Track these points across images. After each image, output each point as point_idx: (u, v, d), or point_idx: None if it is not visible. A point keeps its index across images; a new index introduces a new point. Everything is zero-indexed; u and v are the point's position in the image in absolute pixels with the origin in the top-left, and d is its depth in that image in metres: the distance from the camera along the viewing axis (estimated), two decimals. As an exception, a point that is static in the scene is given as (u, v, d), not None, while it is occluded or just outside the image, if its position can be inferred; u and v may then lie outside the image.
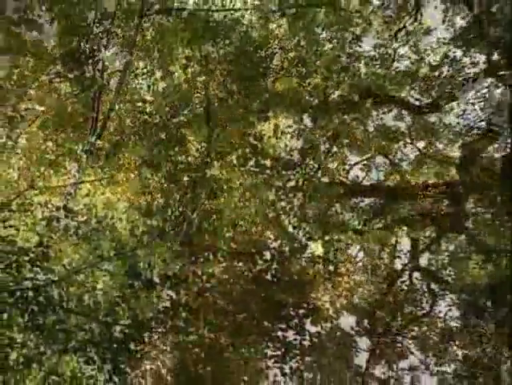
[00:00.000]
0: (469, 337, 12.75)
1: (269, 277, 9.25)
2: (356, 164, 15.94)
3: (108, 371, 8.28)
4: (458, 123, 15.50)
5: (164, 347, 8.75)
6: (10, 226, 8.32)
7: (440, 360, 14.31)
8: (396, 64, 15.45)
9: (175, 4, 10.91)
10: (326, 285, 10.78)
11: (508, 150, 14.31)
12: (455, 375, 13.62)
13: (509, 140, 14.27)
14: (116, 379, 8.34)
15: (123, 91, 9.42)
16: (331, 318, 9.59)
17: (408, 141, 15.82)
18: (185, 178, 9.06)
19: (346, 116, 14.38)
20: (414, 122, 15.69)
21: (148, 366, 8.66)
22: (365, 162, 16.01)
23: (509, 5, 13.85)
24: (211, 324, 8.71)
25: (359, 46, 14.51)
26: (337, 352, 9.99)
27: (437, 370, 14.41)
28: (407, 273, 15.86)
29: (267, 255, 9.49)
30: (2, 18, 8.43)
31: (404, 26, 15.50)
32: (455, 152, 15.71)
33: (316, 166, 13.91)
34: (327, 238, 11.43)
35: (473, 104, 15.07)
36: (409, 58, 15.55)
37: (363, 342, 15.29)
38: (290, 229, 10.23)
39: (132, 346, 8.38)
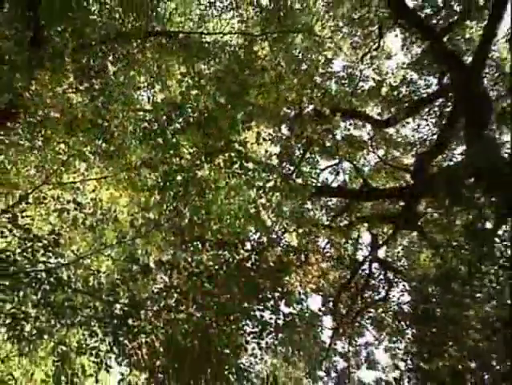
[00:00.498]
0: (418, 319, 12.81)
1: (249, 264, 9.25)
2: (326, 168, 16.05)
3: (109, 343, 8.26)
4: (413, 135, 15.71)
5: (158, 323, 8.69)
6: (27, 216, 8.24)
7: (392, 338, 14.45)
8: (361, 84, 15.60)
9: (173, 28, 10.95)
10: (298, 272, 10.79)
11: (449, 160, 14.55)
12: (405, 352, 13.72)
13: (455, 152, 14.50)
14: (116, 350, 8.36)
15: (127, 102, 9.37)
16: (302, 300, 9.57)
17: (370, 149, 15.93)
18: (179, 178, 8.98)
19: (318, 127, 14.43)
20: (375, 133, 15.80)
21: (143, 340, 8.61)
22: (333, 167, 16.12)
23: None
24: (198, 304, 8.72)
25: (331, 67, 14.67)
26: (306, 330, 9.97)
27: (390, 347, 14.58)
28: (367, 263, 16.00)
29: (248, 245, 9.56)
30: (24, 37, 8.40)
31: (369, 51, 15.63)
32: (409, 160, 15.89)
33: (292, 169, 13.99)
34: (300, 231, 11.50)
35: (426, 120, 15.27)
36: (373, 78, 15.71)
37: (328, 321, 15.48)
38: (269, 223, 10.27)
39: (129, 322, 8.33)
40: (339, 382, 14.81)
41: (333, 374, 14.95)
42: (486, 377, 10.99)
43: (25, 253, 7.77)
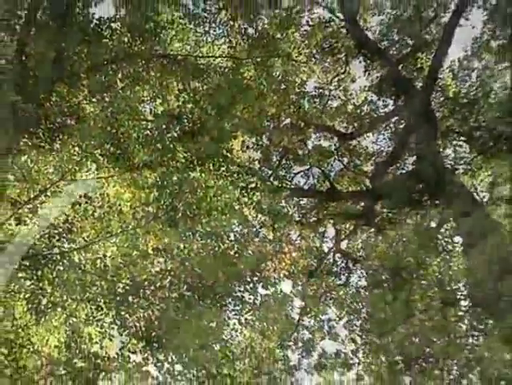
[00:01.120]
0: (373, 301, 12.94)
1: (232, 252, 9.38)
2: (298, 172, 16.14)
3: (112, 316, 8.38)
4: (372, 147, 15.93)
5: (154, 301, 8.74)
6: (45, 207, 8.39)
7: (350, 316, 14.60)
8: (330, 102, 15.78)
9: (173, 51, 10.97)
10: (273, 260, 10.86)
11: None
12: (361, 328, 13.90)
13: (407, 162, 14.74)
14: (118, 322, 8.44)
15: (132, 113, 9.37)
16: (276, 284, 9.71)
17: (336, 157, 16.06)
18: (174, 178, 9.02)
19: (293, 137, 14.56)
20: (341, 144, 15.95)
21: (141, 314, 8.66)
22: (305, 171, 16.23)
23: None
24: (189, 285, 8.79)
25: (304, 88, 14.78)
26: (279, 308, 10.09)
27: (348, 323, 14.72)
28: (331, 253, 16.18)
29: (232, 236, 9.69)
30: (48, 56, 8.41)
31: (337, 75, 15.78)
32: (369, 168, 16.09)
33: (270, 173, 14.13)
34: (275, 226, 11.60)
35: (383, 134, 15.51)
36: (340, 98, 15.90)
37: (298, 302, 15.61)
38: (250, 218, 10.38)
39: (130, 299, 8.44)
40: (305, 350, 14.96)
41: (300, 345, 15.10)
42: (428, 350, 11.24)
43: (43, 239, 7.84)
